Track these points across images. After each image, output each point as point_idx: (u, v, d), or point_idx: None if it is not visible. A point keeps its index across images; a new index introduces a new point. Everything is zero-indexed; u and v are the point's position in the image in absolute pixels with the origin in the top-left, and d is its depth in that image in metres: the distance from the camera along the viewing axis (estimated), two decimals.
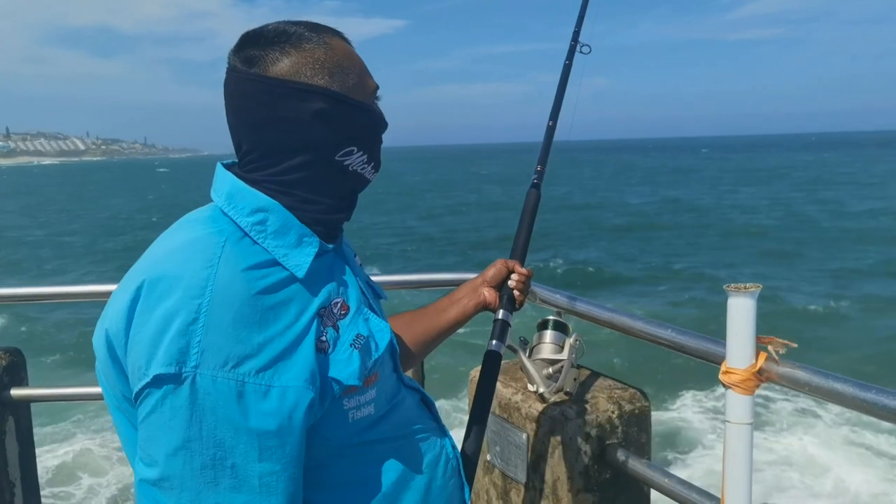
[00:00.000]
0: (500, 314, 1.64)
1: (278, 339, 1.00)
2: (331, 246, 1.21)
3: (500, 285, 1.76)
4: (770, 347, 1.70)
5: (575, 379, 1.63)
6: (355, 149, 1.19)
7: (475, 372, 2.65)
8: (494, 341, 1.61)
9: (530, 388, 1.54)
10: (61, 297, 3.09)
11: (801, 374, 1.63)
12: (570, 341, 1.70)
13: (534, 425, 2.29)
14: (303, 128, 1.13)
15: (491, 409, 2.53)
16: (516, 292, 1.74)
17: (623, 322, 2.18)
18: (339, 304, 1.14)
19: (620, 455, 2.22)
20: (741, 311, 1.69)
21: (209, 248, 1.04)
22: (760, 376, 1.70)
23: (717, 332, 1.80)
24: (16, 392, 2.81)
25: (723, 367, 1.75)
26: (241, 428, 0.96)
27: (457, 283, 2.40)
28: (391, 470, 1.20)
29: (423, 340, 1.67)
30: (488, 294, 1.73)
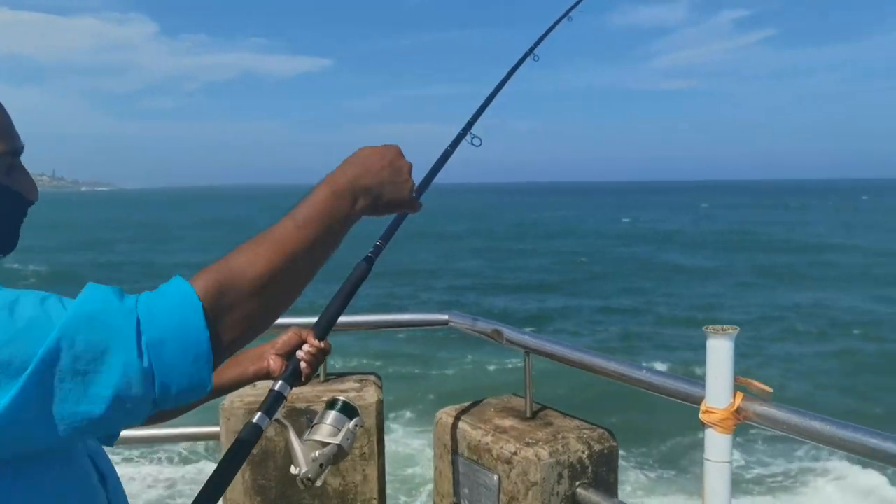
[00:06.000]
0: (277, 385, 1.46)
1: None
2: None
3: (289, 354, 1.56)
4: (749, 388, 1.77)
5: (322, 465, 1.46)
6: None
7: (444, 414, 2.64)
8: (259, 414, 1.40)
9: (293, 470, 1.40)
10: None
11: (778, 414, 1.70)
12: (349, 426, 1.56)
13: (506, 467, 2.29)
14: None
15: (459, 452, 2.54)
16: (303, 364, 1.53)
17: (596, 363, 2.22)
18: None
19: (591, 495, 2.25)
20: (720, 352, 1.76)
21: None
22: (738, 415, 1.76)
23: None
24: None
25: (702, 407, 1.81)
26: None
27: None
28: None
29: None
30: (273, 362, 1.55)
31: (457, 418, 2.59)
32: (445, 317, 2.84)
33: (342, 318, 2.84)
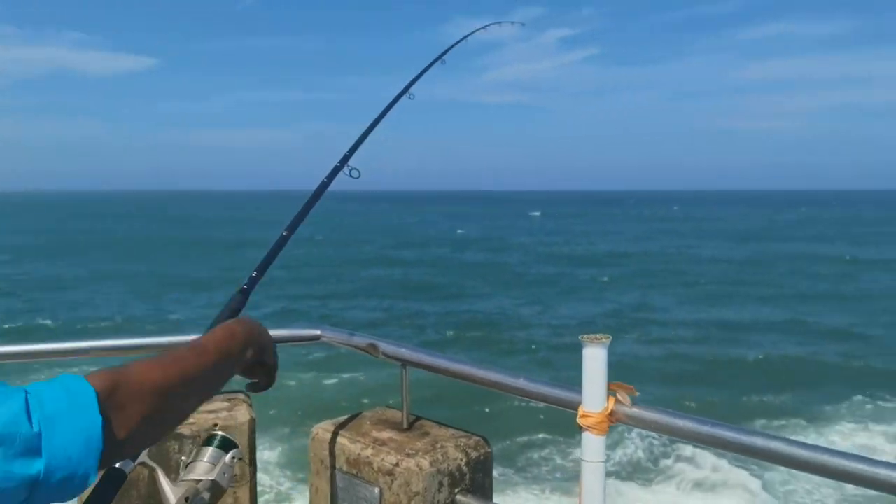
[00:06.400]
0: None
1: None
2: None
3: None
4: (618, 393, 1.92)
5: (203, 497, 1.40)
6: None
7: (319, 429, 2.62)
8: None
9: None
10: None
11: (646, 415, 1.87)
12: (225, 459, 1.51)
13: (388, 479, 2.32)
14: None
15: (337, 467, 2.53)
16: None
17: (474, 373, 2.31)
18: None
19: (469, 500, 2.33)
20: (595, 360, 1.90)
21: None
22: (612, 418, 1.91)
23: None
24: None
25: (579, 412, 1.95)
26: None
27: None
28: None
29: None
30: None
31: (334, 433, 2.58)
32: (318, 332, 2.82)
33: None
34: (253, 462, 2.73)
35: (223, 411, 2.72)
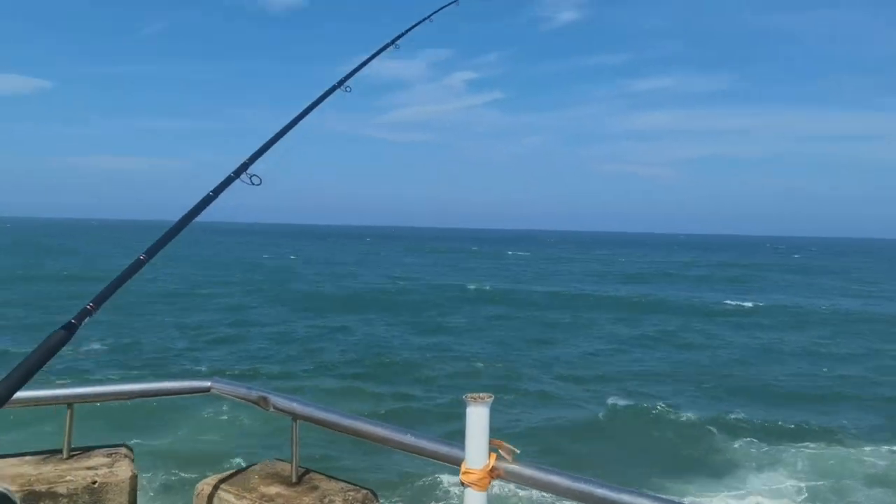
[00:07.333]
0: None
1: None
2: None
3: None
4: (500, 450, 2.01)
5: None
6: None
7: (205, 485, 2.58)
8: None
9: None
10: None
11: (525, 471, 1.96)
12: None
13: None
14: None
15: None
16: None
17: (363, 429, 2.35)
18: None
19: None
20: (478, 418, 1.99)
21: None
22: (493, 474, 1.99)
23: None
24: None
25: (462, 468, 2.02)
26: None
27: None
28: None
29: None
30: None
31: (217, 488, 2.55)
32: (208, 384, 2.78)
33: (93, 389, 2.69)
34: None
35: (103, 468, 2.62)
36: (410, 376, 19.95)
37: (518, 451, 2.01)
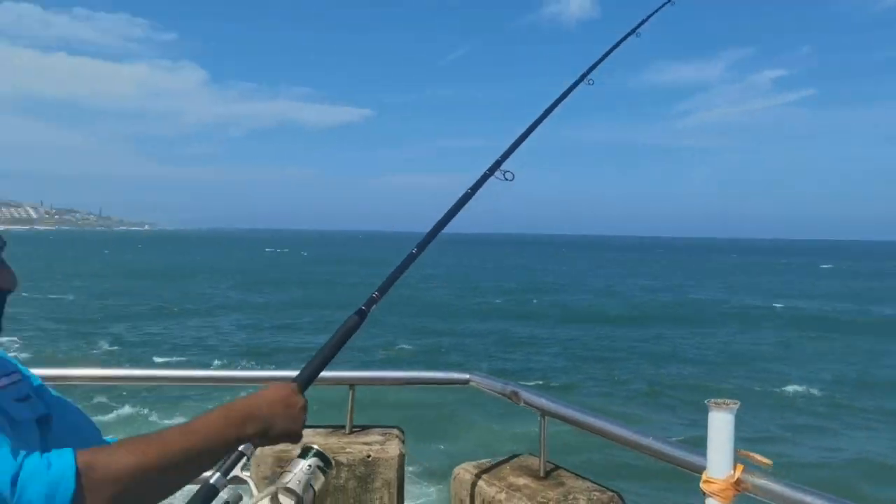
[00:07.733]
0: (244, 445, 1.39)
1: None
2: None
3: None
4: (750, 460, 1.86)
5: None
6: None
7: (461, 470, 2.75)
8: (217, 475, 1.37)
9: None
10: None
11: (776, 487, 1.79)
12: (303, 468, 1.47)
13: None
14: None
15: None
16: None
17: (605, 428, 2.33)
18: None
19: None
20: (722, 424, 1.86)
21: None
22: (738, 486, 1.85)
23: None
24: None
25: (703, 476, 1.90)
26: None
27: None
28: None
29: None
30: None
31: (473, 474, 2.70)
32: (466, 376, 2.97)
33: (371, 373, 2.98)
34: (401, 494, 2.91)
35: (377, 444, 2.94)
36: None
37: (771, 463, 1.84)
